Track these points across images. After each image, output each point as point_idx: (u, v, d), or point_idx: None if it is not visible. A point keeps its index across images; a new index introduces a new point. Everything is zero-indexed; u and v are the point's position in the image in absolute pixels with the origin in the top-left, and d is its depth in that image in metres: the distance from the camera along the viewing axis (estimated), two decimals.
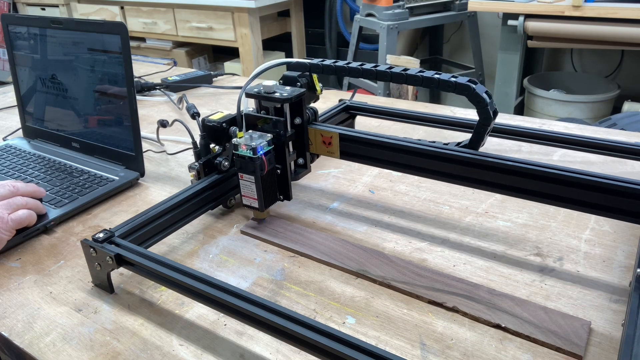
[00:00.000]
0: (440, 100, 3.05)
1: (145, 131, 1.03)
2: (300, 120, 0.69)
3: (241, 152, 0.64)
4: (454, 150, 0.61)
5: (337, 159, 0.72)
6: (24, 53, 0.97)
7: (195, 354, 0.51)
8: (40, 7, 3.55)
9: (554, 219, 0.69)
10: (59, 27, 0.90)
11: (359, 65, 0.65)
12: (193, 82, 1.34)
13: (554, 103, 2.21)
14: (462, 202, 0.74)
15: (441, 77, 0.60)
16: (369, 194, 0.78)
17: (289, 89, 0.67)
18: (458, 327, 0.52)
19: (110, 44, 0.83)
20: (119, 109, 0.86)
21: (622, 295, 0.55)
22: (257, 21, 2.77)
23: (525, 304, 0.54)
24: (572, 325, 0.51)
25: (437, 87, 0.60)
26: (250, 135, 0.66)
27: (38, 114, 1.00)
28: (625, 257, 0.61)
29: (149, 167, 0.90)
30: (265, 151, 0.64)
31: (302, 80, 0.70)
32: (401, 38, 2.70)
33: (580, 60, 2.57)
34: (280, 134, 0.66)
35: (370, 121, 0.95)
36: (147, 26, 3.13)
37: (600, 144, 0.68)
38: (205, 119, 0.72)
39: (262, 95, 0.67)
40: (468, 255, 0.63)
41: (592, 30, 1.88)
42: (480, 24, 2.61)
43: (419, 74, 0.61)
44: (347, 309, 0.56)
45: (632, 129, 1.34)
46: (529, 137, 0.73)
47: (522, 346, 0.50)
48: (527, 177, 0.57)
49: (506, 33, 2.15)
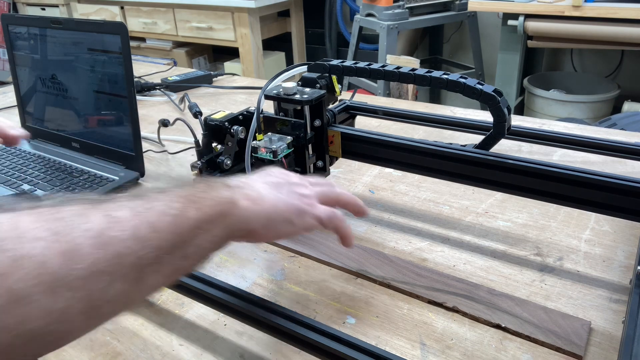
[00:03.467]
0: (441, 100, 3.04)
1: (146, 131, 1.03)
2: (320, 122, 0.67)
3: (260, 155, 0.62)
4: (458, 149, 0.61)
5: (339, 157, 0.71)
6: (24, 53, 0.97)
7: (195, 353, 0.51)
8: (40, 7, 3.55)
9: (554, 219, 0.69)
10: (59, 27, 0.90)
11: (380, 67, 0.65)
12: (193, 82, 1.34)
13: (554, 103, 2.21)
14: (462, 202, 0.74)
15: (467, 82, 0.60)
16: (369, 194, 0.78)
17: (308, 91, 0.66)
18: (458, 327, 0.52)
19: (110, 44, 0.83)
20: (119, 109, 0.86)
21: (622, 295, 0.55)
22: (257, 21, 2.77)
23: (525, 304, 0.54)
24: (572, 325, 0.51)
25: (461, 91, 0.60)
26: (270, 138, 0.64)
27: (38, 114, 1.00)
28: (625, 257, 0.61)
29: (149, 167, 0.90)
30: (285, 154, 0.63)
31: (321, 82, 0.69)
32: (401, 38, 2.69)
33: (580, 60, 2.57)
34: (300, 137, 0.65)
35: (370, 121, 0.95)
36: (147, 26, 3.13)
37: (600, 144, 0.68)
38: (207, 118, 0.72)
39: (282, 97, 0.65)
40: (468, 255, 0.63)
41: (592, 30, 1.88)
42: (480, 24, 2.61)
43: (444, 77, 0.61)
44: (347, 309, 0.56)
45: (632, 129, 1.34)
46: (529, 137, 0.72)
47: (522, 346, 0.50)
48: (529, 176, 0.57)
49: (506, 33, 2.14)
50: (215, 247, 0.41)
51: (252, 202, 0.44)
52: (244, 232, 0.43)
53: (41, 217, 0.31)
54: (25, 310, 0.28)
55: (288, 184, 0.49)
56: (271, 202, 0.46)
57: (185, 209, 0.37)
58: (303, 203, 0.48)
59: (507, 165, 0.58)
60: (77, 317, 0.31)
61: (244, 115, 0.73)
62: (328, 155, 0.71)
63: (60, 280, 0.30)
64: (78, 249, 0.31)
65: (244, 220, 0.42)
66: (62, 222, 0.31)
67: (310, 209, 0.49)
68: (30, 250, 0.29)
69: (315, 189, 0.51)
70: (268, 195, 0.46)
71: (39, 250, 0.29)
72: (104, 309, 0.33)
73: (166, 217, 0.36)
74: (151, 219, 0.35)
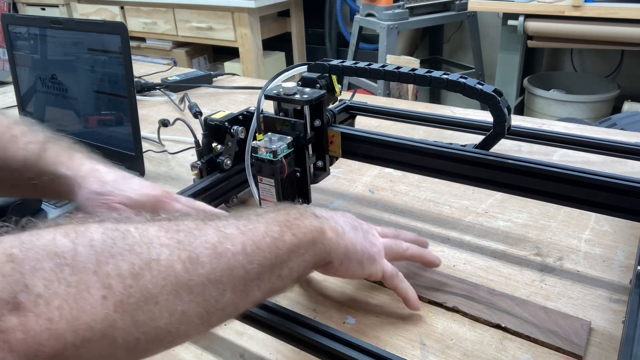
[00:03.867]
0: (441, 100, 3.04)
1: (146, 131, 1.03)
2: (320, 122, 0.67)
3: (260, 155, 0.62)
4: (458, 149, 0.61)
5: (339, 157, 0.72)
6: (24, 53, 0.97)
7: (195, 353, 0.51)
8: (40, 7, 3.55)
9: (554, 219, 0.69)
10: (59, 27, 0.90)
11: (380, 67, 0.65)
12: (193, 82, 1.34)
13: (554, 103, 2.21)
14: (462, 202, 0.74)
15: (467, 82, 0.60)
16: (369, 194, 0.78)
17: (308, 91, 0.66)
18: (458, 327, 0.52)
19: (110, 44, 0.83)
20: (119, 109, 0.86)
21: (622, 295, 0.55)
22: (257, 21, 2.77)
23: (525, 304, 0.54)
24: (572, 325, 0.51)
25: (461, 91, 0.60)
26: (270, 138, 0.64)
27: (38, 114, 1.00)
28: (625, 257, 0.61)
29: (149, 167, 0.90)
30: (285, 154, 0.63)
31: (321, 82, 0.69)
32: (401, 38, 2.69)
33: (580, 60, 2.57)
34: (299, 137, 0.65)
35: (370, 121, 0.95)
36: (147, 26, 3.13)
37: (600, 144, 0.68)
38: (207, 118, 0.72)
39: (282, 97, 0.65)
40: (468, 255, 0.63)
41: (592, 30, 1.88)
42: (480, 24, 2.61)
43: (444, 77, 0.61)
44: (347, 309, 0.56)
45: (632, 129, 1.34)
46: (529, 137, 0.72)
47: (522, 346, 0.50)
48: (529, 176, 0.57)
49: (506, 33, 2.14)
50: (304, 271, 0.44)
51: (336, 235, 0.46)
52: (325, 261, 0.46)
53: (163, 228, 0.35)
54: (154, 308, 0.31)
55: (362, 230, 0.52)
56: (350, 240, 0.48)
57: (282, 233, 0.41)
58: (373, 252, 0.51)
59: (507, 165, 0.58)
60: (194, 321, 0.34)
61: (244, 115, 0.73)
62: (328, 155, 0.71)
63: (184, 284, 0.33)
64: (198, 257, 0.34)
65: (328, 250, 0.45)
66: (183, 234, 0.35)
67: (379, 259, 0.52)
68: (158, 255, 0.32)
69: (384, 242, 0.54)
70: (349, 233, 0.48)
71: (166, 256, 0.33)
72: (215, 316, 0.36)
73: (267, 237, 0.39)
74: (255, 238, 0.39)
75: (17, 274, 0.28)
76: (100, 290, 0.29)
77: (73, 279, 0.29)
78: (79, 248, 0.30)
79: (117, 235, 0.32)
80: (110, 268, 0.30)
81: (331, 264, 0.47)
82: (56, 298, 0.28)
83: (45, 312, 0.27)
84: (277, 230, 0.40)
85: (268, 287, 0.39)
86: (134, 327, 0.30)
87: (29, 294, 0.27)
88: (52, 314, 0.27)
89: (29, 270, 0.28)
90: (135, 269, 0.31)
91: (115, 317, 0.29)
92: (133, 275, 0.31)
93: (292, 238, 0.41)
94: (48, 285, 0.28)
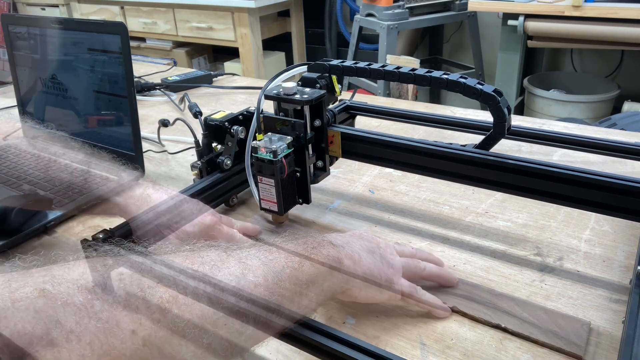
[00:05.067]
0: (441, 100, 3.04)
1: (146, 131, 1.03)
2: (320, 122, 0.67)
3: (260, 155, 0.62)
4: (458, 149, 0.61)
5: (339, 157, 0.71)
6: (24, 53, 0.97)
7: None
8: (40, 7, 3.54)
9: (554, 219, 0.69)
10: (59, 27, 0.89)
11: (380, 67, 0.65)
12: (193, 82, 1.34)
13: (554, 103, 2.21)
14: (462, 202, 0.74)
15: (467, 82, 0.60)
16: (369, 194, 0.78)
17: (308, 91, 0.66)
18: (458, 327, 0.52)
19: (110, 44, 0.83)
20: (119, 109, 0.86)
21: (622, 295, 0.55)
22: (257, 21, 2.77)
23: (525, 304, 0.54)
24: (572, 326, 0.51)
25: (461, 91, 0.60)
26: (270, 138, 0.64)
27: (38, 114, 1.00)
28: (625, 257, 0.61)
29: (149, 167, 0.90)
30: (285, 154, 0.63)
31: (321, 82, 0.69)
32: (401, 38, 2.70)
33: (580, 60, 2.57)
34: (299, 137, 0.65)
35: (371, 121, 0.94)
36: (147, 26, 3.13)
37: (600, 144, 0.68)
38: (207, 118, 0.72)
39: (282, 97, 0.65)
40: (468, 255, 0.63)
41: (592, 30, 1.88)
42: (480, 24, 2.61)
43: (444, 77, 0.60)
44: (347, 309, 0.56)
45: (632, 129, 1.34)
46: (529, 137, 0.72)
47: (522, 346, 0.50)
48: (529, 176, 0.57)
49: (506, 33, 2.15)
50: (322, 301, 0.45)
51: (353, 263, 0.47)
52: (343, 289, 0.47)
53: (188, 260, 0.35)
54: (180, 342, 0.32)
55: (379, 251, 0.52)
56: (368, 267, 0.48)
57: (302, 264, 0.41)
58: (390, 273, 0.51)
59: (507, 165, 0.58)
60: (218, 353, 0.35)
61: (244, 115, 0.73)
62: (328, 155, 0.71)
63: (209, 317, 0.33)
64: (222, 290, 0.35)
65: (345, 279, 0.46)
66: (208, 266, 0.36)
67: (396, 280, 0.52)
68: (185, 288, 0.33)
69: (402, 261, 0.53)
70: (365, 259, 0.49)
71: (191, 289, 0.33)
72: (238, 347, 0.37)
73: (287, 269, 0.40)
74: (275, 269, 0.39)
75: (49, 310, 0.28)
76: (129, 325, 0.30)
77: (104, 314, 0.29)
78: (109, 282, 0.31)
79: (144, 268, 0.32)
80: (139, 302, 0.31)
81: (350, 290, 0.47)
82: (87, 333, 0.28)
83: (78, 348, 0.28)
84: (296, 261, 0.41)
85: (288, 318, 0.40)
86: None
87: (62, 329, 0.28)
88: (84, 350, 0.28)
89: (60, 305, 0.28)
90: (162, 303, 0.31)
91: (144, 352, 0.30)
92: (161, 309, 0.31)
93: (311, 269, 0.42)
94: (79, 321, 0.28)
